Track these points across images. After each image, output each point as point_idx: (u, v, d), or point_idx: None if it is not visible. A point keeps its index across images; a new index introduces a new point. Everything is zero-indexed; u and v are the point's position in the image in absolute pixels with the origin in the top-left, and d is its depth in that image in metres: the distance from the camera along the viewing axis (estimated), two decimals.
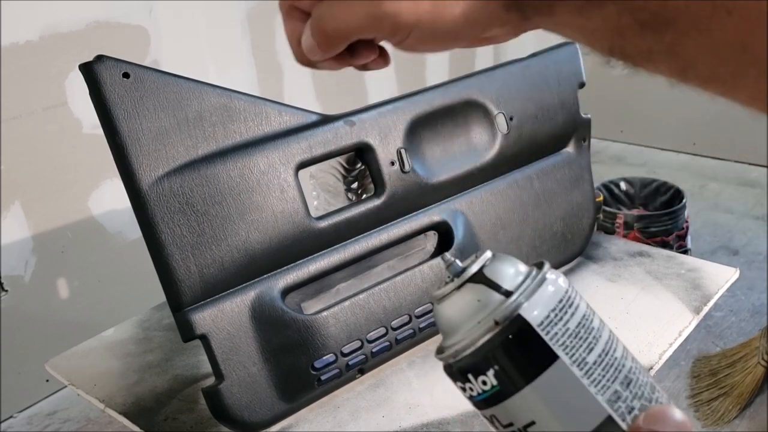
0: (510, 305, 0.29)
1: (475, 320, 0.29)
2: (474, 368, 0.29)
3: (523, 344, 0.28)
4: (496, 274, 0.30)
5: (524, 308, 0.29)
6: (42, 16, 1.45)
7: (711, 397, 1.60)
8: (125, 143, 0.57)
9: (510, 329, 0.28)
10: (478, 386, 0.29)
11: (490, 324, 0.29)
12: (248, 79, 1.86)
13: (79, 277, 1.62)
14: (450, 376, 0.30)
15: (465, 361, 0.29)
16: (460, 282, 0.31)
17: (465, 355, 0.29)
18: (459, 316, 0.30)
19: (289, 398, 0.65)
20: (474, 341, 0.29)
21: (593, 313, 0.31)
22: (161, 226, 0.58)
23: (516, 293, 0.29)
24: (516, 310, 0.29)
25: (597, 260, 0.89)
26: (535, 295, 0.29)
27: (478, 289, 0.30)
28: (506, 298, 0.29)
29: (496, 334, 0.28)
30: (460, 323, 0.30)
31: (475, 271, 0.31)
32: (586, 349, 0.28)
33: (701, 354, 1.73)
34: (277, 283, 0.65)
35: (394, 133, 0.71)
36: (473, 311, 0.30)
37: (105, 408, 0.73)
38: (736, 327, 1.84)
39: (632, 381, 0.29)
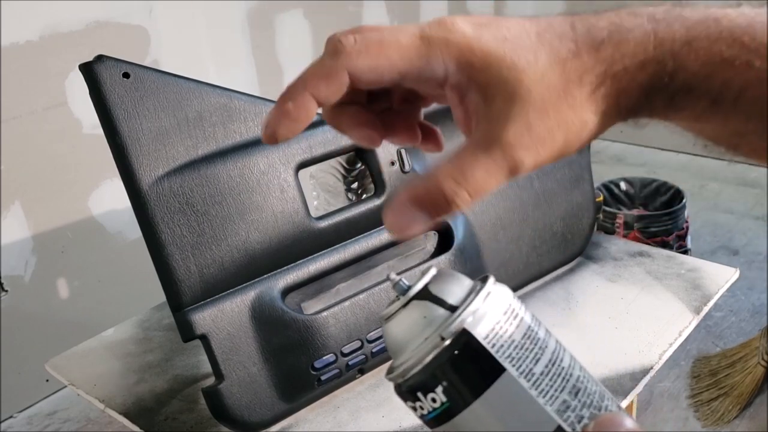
0: (455, 320, 0.29)
1: (422, 337, 0.29)
2: (423, 386, 0.29)
3: (470, 358, 0.28)
4: (440, 290, 0.30)
5: (469, 322, 0.29)
6: (42, 16, 1.45)
7: (711, 397, 1.60)
8: (125, 143, 0.57)
9: (456, 344, 0.28)
10: (428, 404, 0.29)
11: (436, 340, 0.29)
12: (248, 79, 1.86)
13: (79, 277, 1.62)
14: (400, 396, 0.30)
15: (414, 379, 0.29)
16: (405, 300, 0.31)
17: (413, 374, 0.29)
18: (406, 335, 0.30)
19: (289, 398, 0.65)
20: (421, 359, 0.29)
21: (538, 323, 0.31)
22: (161, 226, 0.58)
23: (461, 308, 0.29)
24: (461, 324, 0.29)
25: (597, 260, 0.89)
26: (479, 309, 0.29)
27: (423, 306, 0.30)
28: (451, 314, 0.29)
29: (442, 350, 0.28)
30: (407, 341, 0.30)
31: (419, 289, 0.31)
32: (533, 360, 0.29)
33: (701, 354, 1.73)
34: (277, 283, 0.65)
35: None
36: (420, 329, 0.29)
37: (105, 408, 0.73)
38: (736, 327, 1.84)
39: (581, 390, 0.29)
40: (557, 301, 0.82)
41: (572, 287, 0.84)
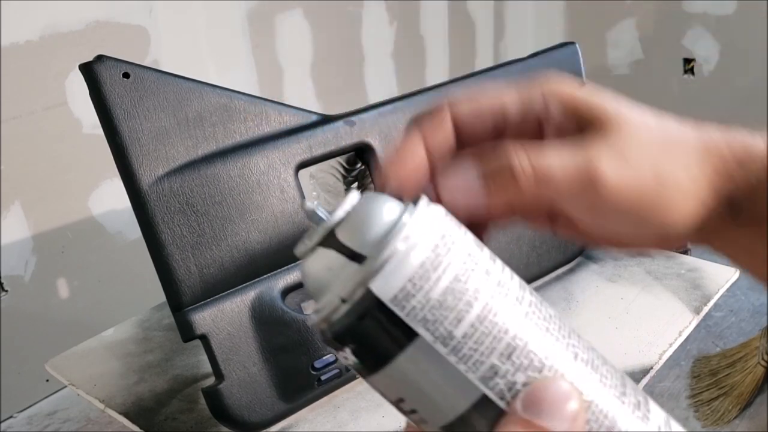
0: (357, 278, 0.24)
1: (327, 293, 0.25)
2: (332, 344, 0.25)
3: (376, 323, 0.24)
4: (351, 232, 0.25)
5: (374, 282, 0.24)
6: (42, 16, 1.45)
7: (711, 397, 1.60)
8: (125, 143, 0.57)
9: (359, 307, 0.24)
10: (343, 359, 0.25)
11: (336, 301, 0.24)
12: (248, 79, 1.86)
13: (79, 277, 1.62)
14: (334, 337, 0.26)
15: (323, 335, 0.25)
16: (311, 245, 0.26)
17: (321, 330, 0.25)
18: (313, 284, 0.26)
19: (289, 398, 0.65)
20: (327, 317, 0.25)
21: (473, 268, 0.25)
22: (161, 226, 0.58)
23: (369, 260, 0.24)
24: (364, 283, 0.24)
25: (597, 260, 0.89)
26: (390, 262, 0.24)
27: (327, 256, 0.25)
28: (357, 266, 0.24)
29: (344, 314, 0.24)
30: (315, 291, 0.26)
31: (326, 233, 0.25)
32: (454, 320, 0.23)
33: (701, 354, 1.73)
34: (277, 283, 0.65)
35: (394, 133, 0.71)
36: (324, 281, 0.25)
37: (105, 408, 0.73)
38: (736, 327, 1.84)
39: (516, 349, 0.24)
40: (557, 301, 0.82)
41: (572, 287, 0.84)
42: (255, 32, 1.85)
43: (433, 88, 0.74)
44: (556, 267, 0.85)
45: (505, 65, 0.79)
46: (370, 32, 2.13)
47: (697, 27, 2.34)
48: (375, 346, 0.24)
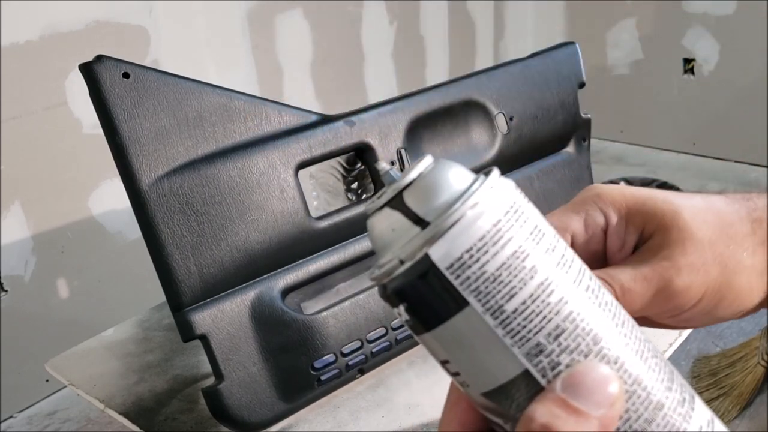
0: (417, 242, 0.25)
1: (389, 252, 0.26)
2: (389, 299, 0.26)
3: (429, 287, 0.25)
4: (419, 196, 0.26)
5: (434, 248, 0.24)
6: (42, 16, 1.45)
7: (711, 397, 1.60)
8: (125, 143, 0.57)
9: (415, 270, 0.25)
10: (396, 315, 0.26)
11: (395, 262, 0.25)
12: (248, 79, 1.86)
13: (79, 277, 1.62)
14: (393, 293, 0.26)
15: (380, 291, 0.26)
16: (380, 203, 0.27)
17: (381, 285, 0.26)
18: (377, 242, 0.27)
19: (289, 398, 0.65)
20: (386, 274, 0.26)
21: (534, 246, 0.25)
22: (161, 226, 0.58)
23: (431, 226, 0.25)
24: (423, 248, 0.25)
25: None
26: (451, 231, 0.24)
27: (393, 217, 0.26)
28: (419, 230, 0.25)
29: (401, 273, 0.25)
30: (380, 249, 0.27)
31: (394, 195, 0.26)
32: (506, 295, 0.24)
33: (701, 354, 1.73)
34: (277, 283, 0.65)
35: (394, 133, 0.71)
36: (387, 241, 0.26)
37: (105, 408, 0.73)
38: (736, 327, 1.84)
39: (566, 331, 0.24)
40: None
41: None
42: (255, 32, 1.85)
43: (433, 88, 0.74)
44: None
45: (505, 65, 0.79)
46: (370, 32, 2.13)
47: (697, 27, 2.34)
48: (426, 308, 0.25)
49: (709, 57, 2.35)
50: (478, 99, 0.76)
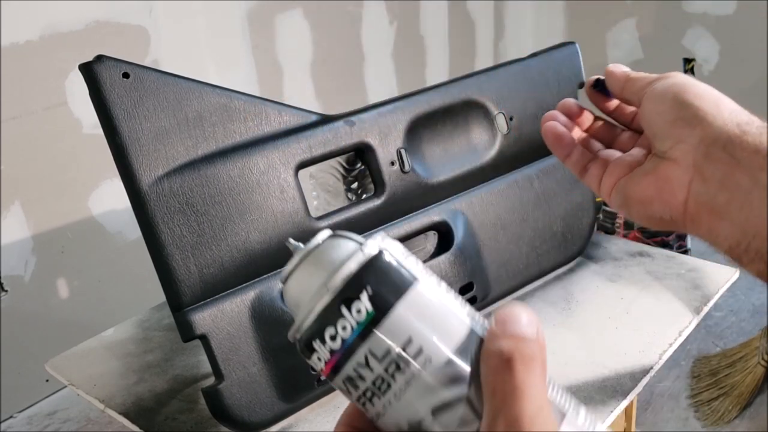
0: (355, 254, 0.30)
1: (336, 261, 0.30)
2: (348, 299, 0.28)
3: (387, 267, 0.29)
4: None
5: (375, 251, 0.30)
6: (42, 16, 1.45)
7: (711, 397, 1.60)
8: (125, 143, 0.57)
9: (372, 262, 0.29)
10: (352, 320, 0.28)
11: (357, 260, 0.29)
12: (248, 79, 1.86)
13: (79, 277, 1.62)
14: (307, 342, 0.29)
15: (337, 297, 0.29)
16: (305, 253, 0.32)
17: (336, 289, 0.29)
18: (315, 274, 0.30)
19: (289, 398, 0.65)
20: (342, 277, 0.29)
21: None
22: (161, 226, 0.58)
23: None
24: (369, 253, 0.29)
25: (597, 260, 0.89)
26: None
27: (334, 243, 0.31)
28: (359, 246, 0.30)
29: (363, 264, 0.29)
30: (320, 274, 0.30)
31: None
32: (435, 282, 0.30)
33: (701, 354, 1.73)
34: (277, 283, 0.65)
35: (394, 133, 0.71)
36: (332, 262, 0.30)
37: (105, 408, 0.73)
38: (736, 327, 1.84)
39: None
40: (557, 301, 0.82)
41: (572, 287, 0.84)
42: (255, 32, 1.85)
43: (433, 88, 0.74)
44: (556, 267, 0.85)
45: (505, 65, 0.79)
46: (370, 32, 2.13)
47: (697, 27, 2.34)
48: (390, 281, 0.29)
49: (709, 57, 2.35)
50: (478, 99, 0.76)
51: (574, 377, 0.68)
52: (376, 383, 0.28)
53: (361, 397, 0.29)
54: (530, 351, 0.27)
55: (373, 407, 0.29)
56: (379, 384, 0.28)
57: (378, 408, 0.28)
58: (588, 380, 0.68)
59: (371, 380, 0.28)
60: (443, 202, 0.75)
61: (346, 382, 0.29)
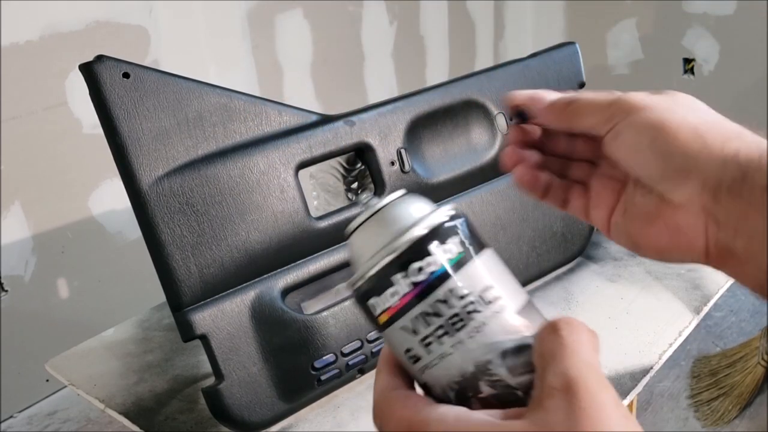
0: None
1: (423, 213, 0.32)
2: (442, 236, 0.30)
3: (471, 225, 0.32)
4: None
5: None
6: (42, 16, 1.45)
7: (711, 397, 1.60)
8: (125, 143, 0.57)
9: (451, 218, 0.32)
10: (442, 257, 0.30)
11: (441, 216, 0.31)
12: (248, 79, 1.86)
13: (79, 277, 1.62)
14: (384, 275, 0.30)
15: (431, 233, 0.30)
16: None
17: (432, 225, 0.31)
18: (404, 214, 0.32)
19: (289, 398, 0.65)
20: (439, 218, 0.31)
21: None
22: (161, 226, 0.58)
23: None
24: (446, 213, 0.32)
25: (597, 260, 0.89)
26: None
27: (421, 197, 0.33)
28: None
29: (455, 215, 0.32)
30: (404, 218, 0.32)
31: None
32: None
33: (701, 354, 1.73)
34: (277, 283, 0.65)
35: (394, 133, 0.71)
36: (425, 206, 0.32)
37: (105, 408, 0.73)
38: (736, 327, 1.84)
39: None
40: (557, 301, 0.82)
41: (572, 287, 0.84)
42: (255, 32, 1.85)
43: (433, 88, 0.74)
44: (556, 267, 0.85)
45: (505, 65, 0.79)
46: (370, 32, 2.13)
47: (697, 27, 2.34)
48: (474, 237, 0.32)
49: (709, 57, 2.35)
50: (478, 99, 0.76)
51: None
52: (452, 320, 0.29)
53: (428, 336, 0.30)
54: (576, 322, 0.29)
55: (438, 347, 0.29)
56: (455, 321, 0.29)
57: (443, 348, 0.29)
58: None
59: (447, 317, 0.29)
60: (443, 202, 0.75)
61: (417, 319, 0.30)
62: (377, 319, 0.31)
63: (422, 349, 0.30)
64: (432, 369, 0.30)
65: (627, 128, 0.36)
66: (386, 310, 0.30)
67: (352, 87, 2.15)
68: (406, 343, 0.30)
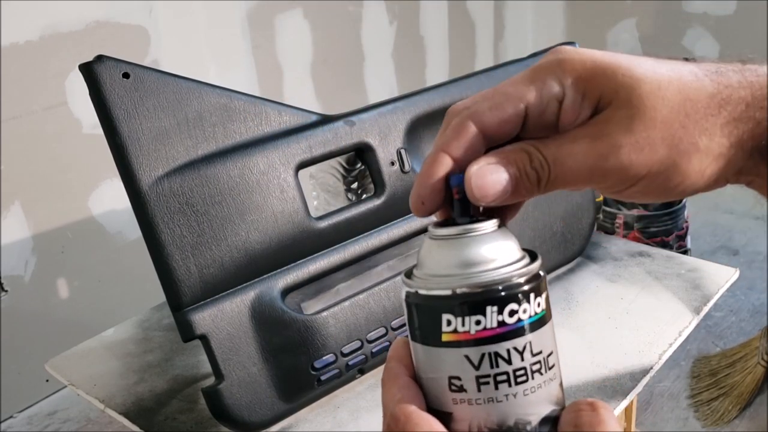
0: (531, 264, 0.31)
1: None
2: (538, 287, 0.30)
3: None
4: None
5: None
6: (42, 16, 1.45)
7: (711, 397, 1.60)
8: (125, 143, 0.57)
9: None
10: (532, 308, 0.29)
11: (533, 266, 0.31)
12: (248, 79, 1.86)
13: (79, 277, 1.62)
14: (480, 302, 0.28)
15: (536, 278, 0.30)
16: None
17: (536, 272, 0.30)
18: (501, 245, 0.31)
19: (289, 398, 0.65)
20: (538, 267, 0.31)
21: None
22: (161, 226, 0.58)
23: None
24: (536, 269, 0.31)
25: (597, 260, 0.89)
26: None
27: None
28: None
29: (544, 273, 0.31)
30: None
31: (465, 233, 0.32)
32: None
33: (701, 354, 1.73)
34: (277, 283, 0.65)
35: (394, 133, 0.71)
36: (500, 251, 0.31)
37: (105, 408, 0.73)
38: (736, 327, 1.84)
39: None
40: (557, 301, 0.82)
41: (572, 287, 0.84)
42: (255, 32, 1.85)
43: (433, 88, 0.74)
44: (556, 267, 0.85)
45: (505, 65, 0.79)
46: (370, 32, 2.13)
47: (697, 27, 2.34)
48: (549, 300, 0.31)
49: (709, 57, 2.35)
50: None
51: (574, 377, 0.68)
52: (518, 372, 0.29)
53: (488, 377, 0.29)
54: (608, 407, 0.29)
55: (492, 390, 0.29)
56: (519, 375, 0.29)
57: (495, 394, 0.29)
58: (588, 380, 0.68)
59: (515, 367, 0.29)
60: None
61: (487, 357, 0.29)
62: (440, 333, 0.29)
63: (473, 384, 0.29)
64: (472, 406, 0.29)
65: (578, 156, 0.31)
66: (459, 333, 0.29)
67: (352, 87, 2.15)
68: (458, 371, 0.29)
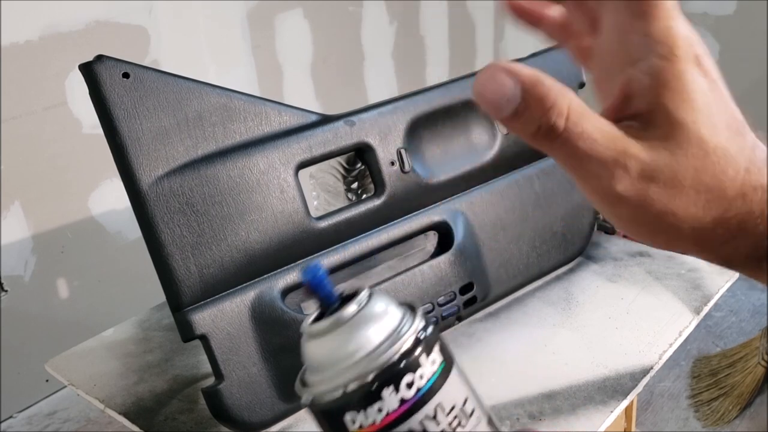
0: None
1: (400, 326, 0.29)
2: (428, 347, 0.28)
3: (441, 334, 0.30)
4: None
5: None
6: (42, 16, 1.45)
7: (711, 397, 1.60)
8: (125, 143, 0.57)
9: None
10: (429, 369, 0.27)
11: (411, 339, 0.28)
12: (248, 79, 1.86)
13: (79, 277, 1.62)
14: (374, 390, 0.27)
15: (418, 343, 0.28)
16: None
17: (425, 336, 0.28)
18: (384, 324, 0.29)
19: (289, 398, 0.65)
20: (422, 325, 0.28)
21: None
22: (161, 226, 0.58)
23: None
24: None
25: (597, 260, 0.89)
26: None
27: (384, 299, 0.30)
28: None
29: (434, 321, 0.29)
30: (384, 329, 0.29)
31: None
32: None
33: (701, 354, 1.73)
34: (277, 283, 0.65)
35: (394, 133, 0.71)
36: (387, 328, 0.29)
37: (105, 408, 0.73)
38: (736, 327, 1.84)
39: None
40: (557, 301, 0.82)
41: (572, 287, 0.84)
42: (255, 32, 1.85)
43: (433, 88, 0.74)
44: (556, 267, 0.85)
45: None
46: (370, 32, 2.13)
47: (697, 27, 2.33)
48: (446, 345, 0.29)
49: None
50: None
51: (574, 377, 0.68)
52: None
53: None
54: None
55: None
56: None
57: None
58: (588, 380, 0.68)
59: None
60: (443, 202, 0.75)
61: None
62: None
63: None
64: None
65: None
66: (366, 427, 0.27)
67: (352, 87, 2.15)
68: None
